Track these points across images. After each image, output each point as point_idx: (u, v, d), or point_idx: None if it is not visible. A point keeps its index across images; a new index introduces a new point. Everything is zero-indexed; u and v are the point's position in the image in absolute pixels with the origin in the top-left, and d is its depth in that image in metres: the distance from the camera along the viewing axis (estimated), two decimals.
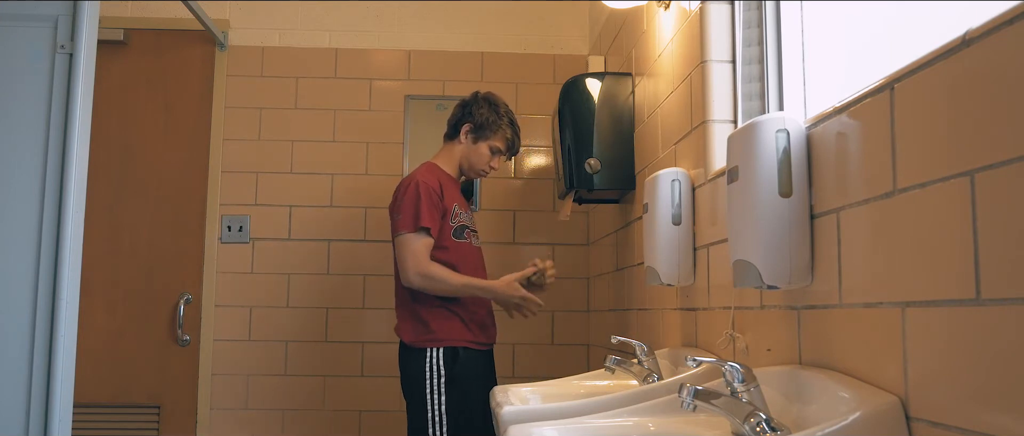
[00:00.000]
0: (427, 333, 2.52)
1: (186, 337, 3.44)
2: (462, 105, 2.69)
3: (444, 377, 2.48)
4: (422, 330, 2.53)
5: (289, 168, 3.56)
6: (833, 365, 1.26)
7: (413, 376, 2.52)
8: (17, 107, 1.99)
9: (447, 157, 2.69)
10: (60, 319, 1.92)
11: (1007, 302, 0.86)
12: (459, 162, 2.69)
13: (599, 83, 2.77)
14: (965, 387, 0.93)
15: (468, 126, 2.65)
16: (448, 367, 2.49)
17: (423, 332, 2.53)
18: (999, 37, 0.88)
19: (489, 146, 2.66)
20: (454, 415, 2.48)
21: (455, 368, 2.50)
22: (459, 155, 2.68)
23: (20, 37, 2.01)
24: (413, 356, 2.53)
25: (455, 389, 2.49)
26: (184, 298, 3.45)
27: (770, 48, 1.75)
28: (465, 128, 2.66)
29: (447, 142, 2.72)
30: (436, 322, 2.52)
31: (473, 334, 2.57)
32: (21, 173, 1.97)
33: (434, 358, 2.50)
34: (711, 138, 1.88)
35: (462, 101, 2.71)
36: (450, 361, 2.50)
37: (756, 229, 1.34)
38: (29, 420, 1.90)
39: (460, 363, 2.51)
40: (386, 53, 3.64)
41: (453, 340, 2.52)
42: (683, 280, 1.98)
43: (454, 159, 2.68)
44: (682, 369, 1.92)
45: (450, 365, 2.50)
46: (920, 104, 1.03)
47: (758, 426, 1.21)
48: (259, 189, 3.54)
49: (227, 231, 3.50)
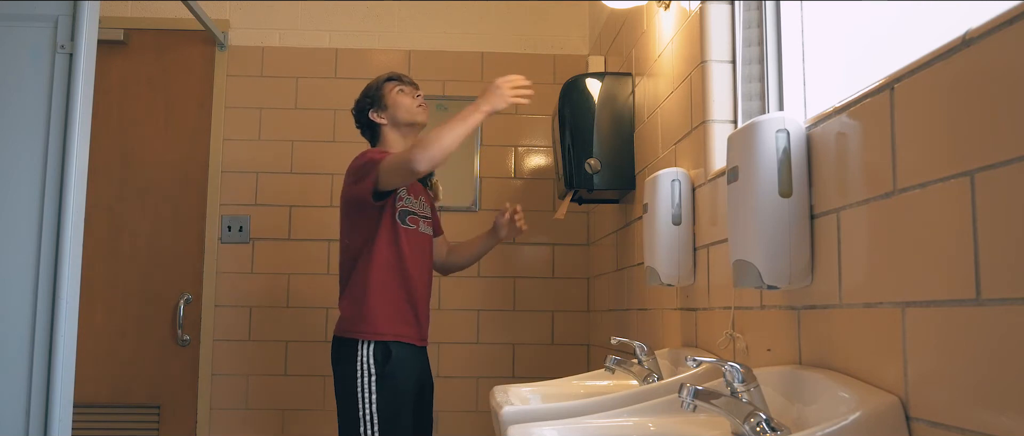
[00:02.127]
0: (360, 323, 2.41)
1: (186, 337, 3.44)
2: (356, 118, 2.65)
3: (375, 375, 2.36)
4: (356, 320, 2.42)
5: (289, 168, 3.56)
6: (833, 365, 1.26)
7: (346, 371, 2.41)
8: (17, 107, 1.99)
9: (383, 143, 2.59)
10: (60, 319, 1.92)
11: (1007, 302, 0.86)
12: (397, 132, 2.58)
13: (599, 83, 2.77)
14: (965, 387, 0.93)
15: (372, 111, 2.59)
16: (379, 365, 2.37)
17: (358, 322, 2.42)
18: (999, 37, 0.88)
19: (392, 97, 2.57)
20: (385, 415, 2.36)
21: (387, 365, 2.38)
22: (391, 132, 2.58)
23: (20, 37, 2.01)
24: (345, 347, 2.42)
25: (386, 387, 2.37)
26: (184, 298, 3.45)
27: (770, 48, 1.75)
28: (371, 113, 2.59)
29: (377, 142, 2.62)
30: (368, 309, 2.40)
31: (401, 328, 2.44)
32: (21, 173, 1.97)
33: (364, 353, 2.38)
34: (711, 138, 1.88)
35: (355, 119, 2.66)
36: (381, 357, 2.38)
37: (756, 229, 1.34)
38: (29, 420, 1.90)
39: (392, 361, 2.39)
40: (386, 53, 3.64)
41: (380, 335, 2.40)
42: (683, 280, 1.98)
43: (392, 137, 2.58)
44: (682, 369, 1.92)
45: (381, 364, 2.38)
46: (920, 104, 1.03)
47: (758, 426, 1.21)
48: (259, 189, 3.54)
49: (227, 231, 3.50)
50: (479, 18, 3.67)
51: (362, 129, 2.67)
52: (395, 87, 2.60)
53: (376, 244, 2.42)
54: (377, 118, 2.59)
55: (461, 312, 3.53)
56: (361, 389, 2.36)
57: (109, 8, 3.47)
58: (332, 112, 3.59)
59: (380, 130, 2.61)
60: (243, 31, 3.61)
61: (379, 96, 2.60)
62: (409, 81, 2.65)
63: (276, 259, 3.51)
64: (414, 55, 3.64)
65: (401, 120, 2.58)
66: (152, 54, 3.57)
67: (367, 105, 2.61)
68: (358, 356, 2.38)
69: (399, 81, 2.63)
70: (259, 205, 3.53)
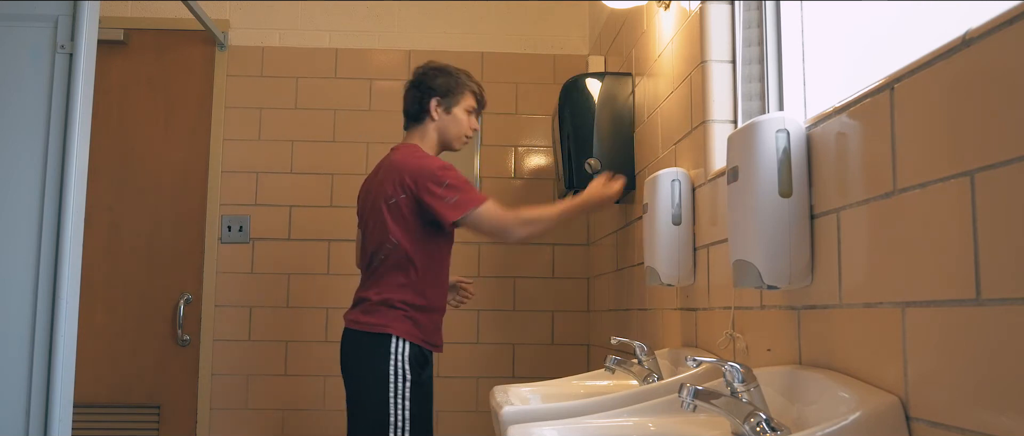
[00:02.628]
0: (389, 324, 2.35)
1: (186, 337, 3.44)
2: (415, 85, 2.51)
3: (410, 380, 2.31)
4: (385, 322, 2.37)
5: (289, 168, 3.56)
6: (833, 365, 1.26)
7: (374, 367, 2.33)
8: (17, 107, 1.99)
9: (424, 141, 2.49)
10: (60, 319, 1.92)
11: (1007, 302, 0.86)
12: (438, 141, 2.51)
13: (599, 83, 2.77)
14: (965, 387, 0.93)
15: (436, 100, 2.47)
16: (415, 369, 2.33)
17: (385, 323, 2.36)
18: (999, 37, 0.88)
19: (463, 109, 2.50)
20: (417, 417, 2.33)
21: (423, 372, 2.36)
22: (435, 133, 2.50)
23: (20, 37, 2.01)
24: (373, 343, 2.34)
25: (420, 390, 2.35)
26: (184, 298, 3.45)
27: (770, 48, 1.75)
28: (433, 103, 2.47)
29: (414, 127, 2.51)
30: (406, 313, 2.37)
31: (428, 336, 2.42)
32: (21, 173, 1.97)
33: (400, 352, 2.32)
34: (711, 138, 1.88)
35: (411, 83, 2.53)
36: (417, 362, 2.34)
37: (756, 229, 1.34)
38: (29, 420, 1.90)
39: (428, 365, 2.39)
40: (386, 53, 3.64)
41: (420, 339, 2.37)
42: (683, 280, 1.98)
43: (432, 139, 2.50)
44: (682, 369, 1.92)
45: (417, 368, 2.34)
46: (920, 104, 1.03)
47: (758, 426, 1.21)
48: (259, 189, 3.54)
49: (227, 231, 3.50)
50: (479, 18, 3.67)
51: (411, 102, 2.51)
52: (470, 106, 2.51)
53: (431, 250, 2.38)
54: (433, 112, 2.48)
55: (461, 312, 3.53)
56: (394, 392, 2.29)
57: (109, 8, 3.46)
58: (332, 112, 3.59)
59: (424, 121, 2.49)
60: (243, 31, 3.61)
61: (454, 98, 2.49)
62: (484, 105, 2.57)
63: (276, 259, 3.51)
64: (414, 55, 3.64)
65: (448, 135, 2.50)
66: (152, 54, 3.57)
67: (437, 93, 2.47)
68: (392, 355, 2.31)
69: (479, 105, 2.54)
70: (259, 205, 3.53)
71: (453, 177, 2.33)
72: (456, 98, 2.49)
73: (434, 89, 2.48)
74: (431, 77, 2.49)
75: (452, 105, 2.48)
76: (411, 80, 2.54)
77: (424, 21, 3.66)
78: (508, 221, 2.35)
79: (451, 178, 2.33)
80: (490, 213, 2.34)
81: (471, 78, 2.54)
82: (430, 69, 2.52)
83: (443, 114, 2.48)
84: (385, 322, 2.33)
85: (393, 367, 2.30)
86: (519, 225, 2.35)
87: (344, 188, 3.56)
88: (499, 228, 2.36)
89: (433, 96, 2.48)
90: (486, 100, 2.59)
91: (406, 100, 2.54)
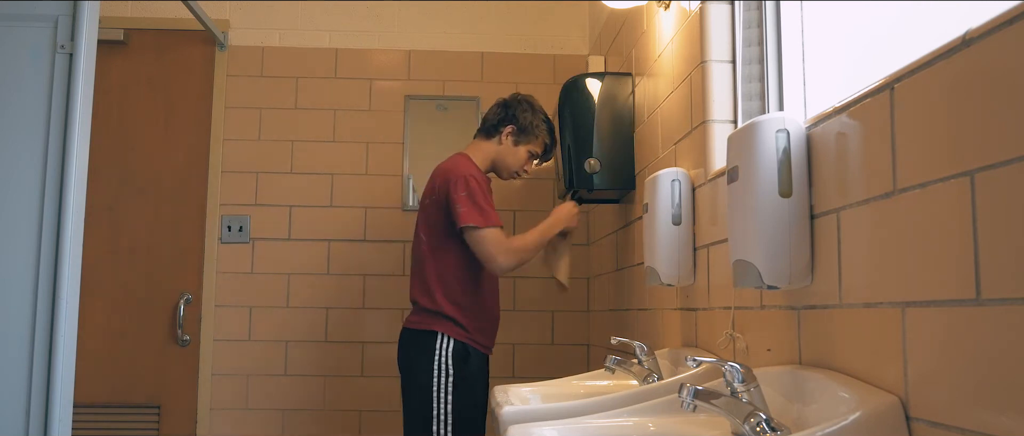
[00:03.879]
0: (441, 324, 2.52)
1: (186, 337, 3.44)
2: (504, 105, 2.68)
3: (452, 375, 2.47)
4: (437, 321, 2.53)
5: (289, 168, 3.56)
6: (833, 365, 1.26)
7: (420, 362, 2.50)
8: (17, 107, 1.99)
9: (479, 154, 2.66)
10: (60, 319, 1.92)
11: (1007, 302, 0.86)
12: (492, 160, 2.67)
13: (599, 83, 2.77)
14: (965, 387, 0.93)
15: (512, 128, 2.64)
16: (457, 365, 2.48)
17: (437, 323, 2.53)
18: (999, 37, 0.88)
19: (528, 150, 2.67)
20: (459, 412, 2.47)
21: (466, 366, 2.50)
22: (493, 154, 2.67)
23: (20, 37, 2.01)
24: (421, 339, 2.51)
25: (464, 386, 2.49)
26: (184, 298, 3.45)
27: (770, 48, 1.75)
28: (508, 129, 2.65)
29: (481, 139, 2.70)
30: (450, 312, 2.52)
31: (482, 337, 2.59)
32: (21, 173, 1.97)
33: (444, 348, 2.48)
34: (711, 138, 1.88)
35: (503, 101, 2.69)
36: (460, 358, 2.49)
37: (756, 229, 1.34)
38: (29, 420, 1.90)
39: (470, 362, 2.52)
40: (386, 53, 3.64)
41: (464, 337, 2.52)
42: (683, 280, 1.98)
43: (486, 157, 2.66)
44: (682, 369, 1.92)
45: (459, 363, 2.49)
46: (920, 104, 1.03)
47: (758, 426, 1.21)
48: (259, 189, 3.54)
49: (227, 231, 3.51)
50: (479, 18, 3.67)
51: (492, 116, 2.68)
52: (535, 151, 2.69)
53: (465, 253, 2.52)
54: (503, 138, 2.66)
55: None
56: (437, 388, 2.45)
57: (109, 8, 3.46)
58: (332, 112, 3.59)
59: (491, 142, 2.67)
60: (243, 31, 3.61)
61: (526, 135, 2.66)
62: (548, 157, 2.76)
63: (276, 259, 3.51)
64: (414, 55, 3.64)
65: (503, 166, 2.68)
66: (152, 54, 3.57)
67: (512, 122, 2.65)
68: (436, 352, 2.47)
69: (545, 151, 2.72)
70: (259, 205, 3.53)
71: (481, 191, 2.49)
72: (528, 137, 2.66)
73: (516, 118, 2.65)
74: (521, 108, 2.67)
75: (521, 142, 2.66)
76: (504, 99, 2.71)
77: (424, 21, 3.66)
78: (499, 250, 2.48)
79: (479, 191, 2.48)
80: (490, 238, 2.47)
81: (551, 131, 2.73)
82: (524, 100, 2.70)
83: (510, 144, 2.66)
84: (431, 321, 2.51)
85: (437, 363, 2.46)
86: (506, 254, 2.48)
87: (344, 188, 3.56)
88: (490, 255, 2.49)
89: (512, 124, 2.65)
90: (552, 155, 2.79)
91: (489, 112, 2.72)
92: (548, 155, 2.74)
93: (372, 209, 3.55)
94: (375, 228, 3.54)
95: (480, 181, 2.51)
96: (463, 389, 2.47)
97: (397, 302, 3.48)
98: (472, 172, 2.53)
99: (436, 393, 2.44)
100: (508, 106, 2.67)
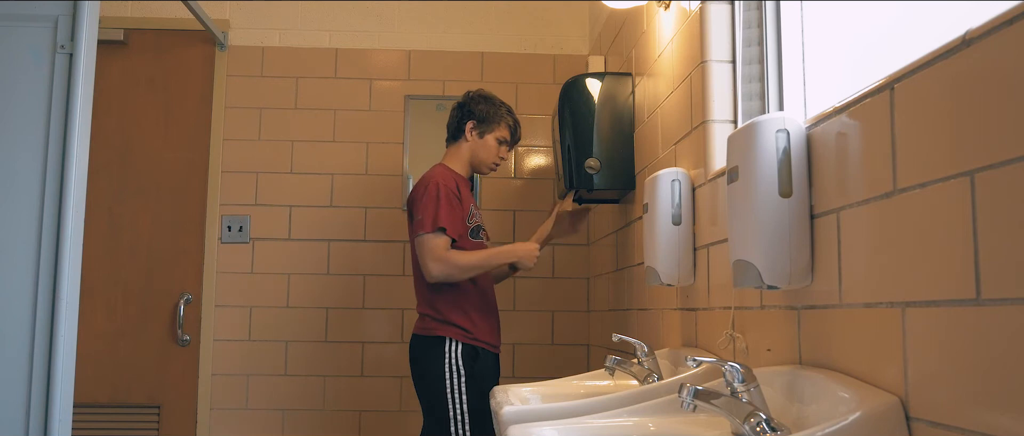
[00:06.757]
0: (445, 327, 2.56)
1: (186, 337, 3.44)
2: (459, 106, 2.74)
3: (464, 375, 2.51)
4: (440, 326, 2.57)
5: (289, 168, 3.56)
6: (833, 365, 1.26)
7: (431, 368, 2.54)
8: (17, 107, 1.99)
9: (455, 158, 2.72)
10: (60, 320, 1.92)
11: (1007, 302, 0.86)
12: (469, 160, 2.72)
13: (599, 83, 2.77)
14: (965, 387, 0.93)
15: (472, 123, 2.69)
16: (467, 365, 2.52)
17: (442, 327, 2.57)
18: (999, 37, 0.88)
19: (495, 137, 2.71)
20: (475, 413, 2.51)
21: (475, 366, 2.53)
22: (467, 153, 2.71)
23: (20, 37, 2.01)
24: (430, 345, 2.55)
25: (474, 386, 2.52)
26: (184, 298, 3.45)
27: (770, 48, 1.75)
28: (469, 125, 2.69)
29: (451, 145, 2.75)
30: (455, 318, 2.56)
31: (489, 337, 2.62)
32: (21, 173, 1.97)
33: (453, 352, 2.52)
34: (711, 138, 1.88)
35: (458, 103, 2.75)
36: (469, 358, 2.53)
37: (756, 229, 1.34)
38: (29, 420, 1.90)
39: (479, 361, 2.55)
40: (386, 53, 3.64)
41: (471, 339, 2.56)
42: (683, 280, 1.98)
43: (463, 158, 2.71)
44: (682, 369, 1.92)
45: (470, 363, 2.52)
46: (920, 104, 1.03)
47: (758, 426, 1.21)
48: (259, 189, 3.54)
49: (227, 231, 3.51)
50: (479, 18, 3.67)
51: (452, 120, 2.74)
52: (503, 137, 2.71)
53: None
54: (469, 135, 2.70)
55: None
56: (450, 389, 2.50)
57: (109, 8, 3.47)
58: (332, 112, 3.59)
59: (459, 140, 2.71)
60: (243, 31, 3.61)
61: (487, 124, 2.70)
62: (517, 139, 2.78)
63: (276, 259, 3.51)
64: (414, 55, 3.64)
65: (479, 161, 2.72)
66: (152, 54, 3.57)
67: (471, 117, 2.70)
68: (445, 356, 2.52)
69: (512, 137, 2.74)
70: (259, 205, 3.53)
71: (445, 196, 2.52)
72: (491, 126, 2.70)
73: (474, 113, 2.70)
74: (475, 102, 2.71)
75: (486, 131, 2.70)
76: (458, 101, 2.76)
77: (424, 21, 3.66)
78: (431, 257, 2.50)
79: (442, 197, 2.52)
80: (426, 243, 2.51)
81: (511, 112, 2.75)
82: (476, 95, 2.74)
83: (476, 138, 2.70)
84: (437, 327, 2.55)
85: (448, 365, 2.51)
86: (437, 262, 2.50)
87: (344, 188, 3.56)
88: (422, 261, 2.53)
89: (471, 119, 2.70)
90: (520, 136, 2.80)
91: (449, 119, 2.76)
92: (516, 136, 2.76)
93: (372, 209, 3.55)
94: (375, 228, 3.54)
95: (447, 187, 2.55)
96: (475, 385, 2.51)
97: (397, 302, 3.48)
98: (441, 179, 2.57)
99: (450, 394, 2.49)
100: (462, 105, 2.73)
